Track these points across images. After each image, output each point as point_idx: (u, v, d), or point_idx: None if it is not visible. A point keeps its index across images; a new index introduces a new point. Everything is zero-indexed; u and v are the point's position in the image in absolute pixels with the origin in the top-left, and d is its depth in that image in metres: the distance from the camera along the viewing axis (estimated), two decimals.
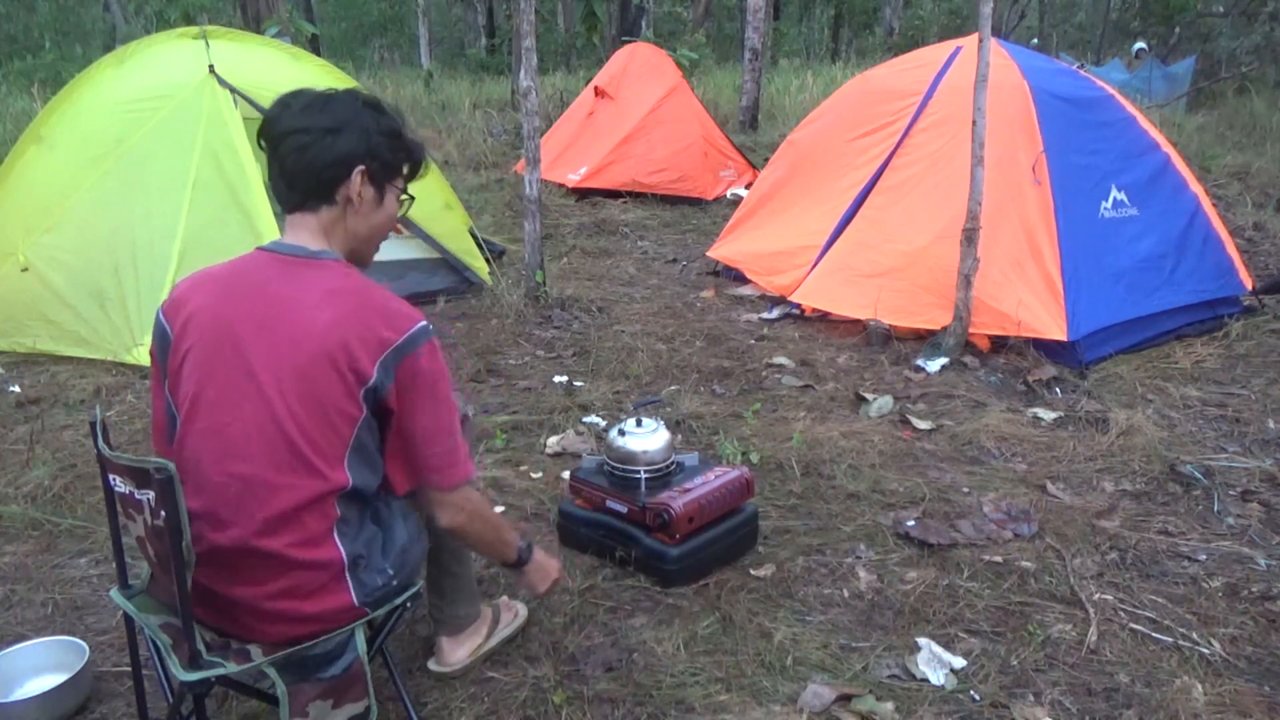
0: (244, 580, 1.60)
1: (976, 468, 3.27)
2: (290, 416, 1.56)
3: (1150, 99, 11.17)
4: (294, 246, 1.66)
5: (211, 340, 1.60)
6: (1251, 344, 4.46)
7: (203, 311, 1.62)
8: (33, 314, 4.14)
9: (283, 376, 1.57)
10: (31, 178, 4.34)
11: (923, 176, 4.68)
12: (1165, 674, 2.20)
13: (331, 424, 1.58)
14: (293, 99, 1.67)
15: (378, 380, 1.59)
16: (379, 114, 1.70)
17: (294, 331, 1.57)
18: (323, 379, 1.56)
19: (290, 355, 1.57)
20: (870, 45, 22.23)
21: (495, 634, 2.27)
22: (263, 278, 1.64)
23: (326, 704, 1.60)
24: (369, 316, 1.59)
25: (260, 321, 1.59)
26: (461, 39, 28.08)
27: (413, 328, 1.62)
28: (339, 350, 1.56)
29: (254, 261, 1.67)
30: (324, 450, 1.59)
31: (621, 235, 6.90)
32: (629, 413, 2.95)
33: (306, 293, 1.60)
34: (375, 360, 1.58)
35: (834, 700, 2.08)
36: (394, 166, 1.72)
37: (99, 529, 2.78)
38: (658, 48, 8.81)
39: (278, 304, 1.60)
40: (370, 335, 1.58)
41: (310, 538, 1.60)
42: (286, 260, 1.65)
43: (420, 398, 1.64)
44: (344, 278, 1.65)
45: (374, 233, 1.74)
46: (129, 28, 14.45)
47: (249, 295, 1.62)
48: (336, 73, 5.17)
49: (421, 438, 1.67)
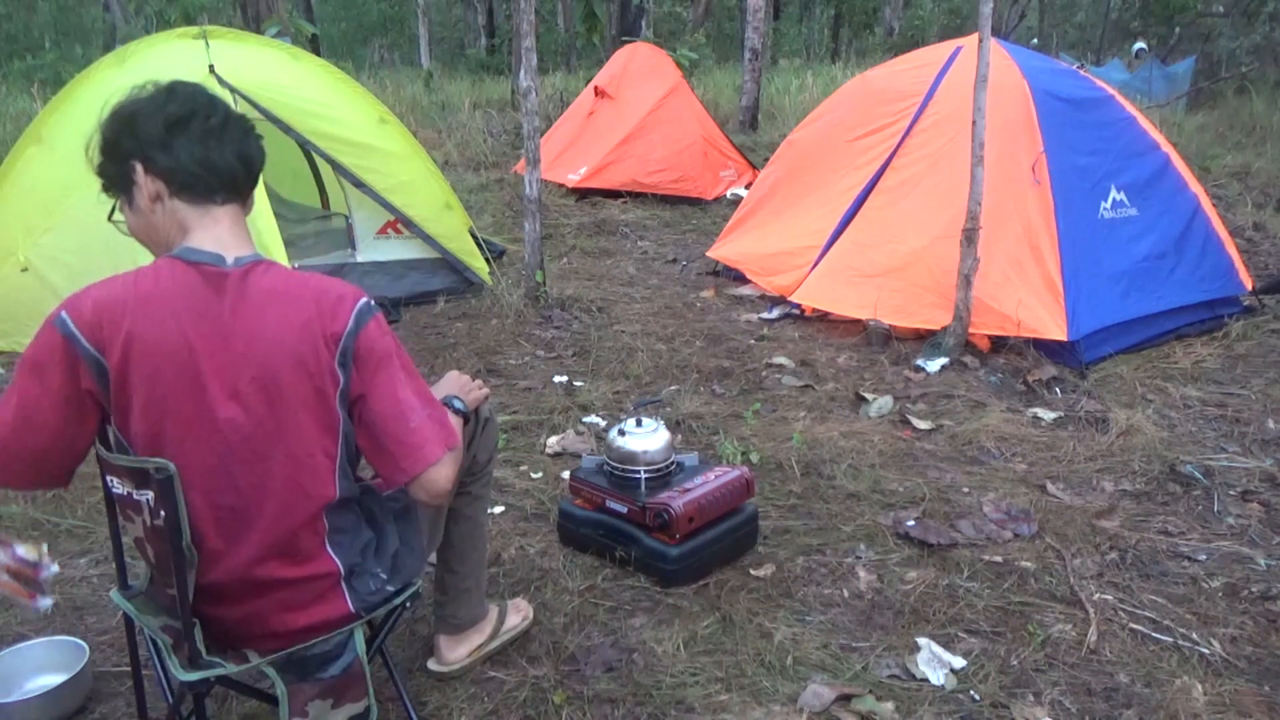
0: (239, 604, 1.59)
1: (976, 468, 3.27)
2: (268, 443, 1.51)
3: (1150, 99, 11.17)
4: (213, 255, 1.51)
5: (169, 373, 1.46)
6: (1251, 344, 4.46)
7: (147, 340, 1.45)
8: (33, 314, 4.13)
9: (256, 403, 1.49)
10: (31, 178, 4.34)
11: (923, 177, 4.68)
12: (1165, 674, 2.20)
13: (316, 442, 1.54)
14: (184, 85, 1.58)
15: (343, 378, 1.53)
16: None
17: (260, 367, 1.48)
18: (303, 396, 1.51)
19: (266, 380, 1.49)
20: (870, 45, 22.23)
21: (499, 635, 2.25)
22: (196, 305, 1.48)
23: (326, 704, 1.60)
24: (318, 315, 1.51)
25: (219, 348, 1.48)
26: (461, 39, 28.09)
27: (356, 308, 1.53)
28: (309, 361, 1.50)
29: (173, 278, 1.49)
30: (309, 469, 1.55)
31: (621, 235, 6.90)
32: (629, 413, 2.96)
33: (249, 309, 1.49)
34: (335, 357, 1.51)
35: (834, 700, 2.08)
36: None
37: (99, 529, 2.78)
38: (658, 48, 8.81)
39: (223, 335, 1.48)
40: (326, 333, 1.50)
41: (304, 555, 1.58)
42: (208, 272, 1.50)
43: (374, 377, 1.55)
44: (277, 279, 1.53)
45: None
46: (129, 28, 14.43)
47: (187, 333, 1.46)
48: (336, 73, 5.17)
49: (388, 424, 1.56)
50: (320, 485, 1.57)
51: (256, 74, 4.53)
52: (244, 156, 1.57)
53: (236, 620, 1.61)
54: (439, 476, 1.60)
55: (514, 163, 8.65)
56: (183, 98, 1.55)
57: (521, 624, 2.31)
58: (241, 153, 1.56)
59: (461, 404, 1.91)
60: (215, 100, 1.58)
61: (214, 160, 1.53)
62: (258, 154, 1.60)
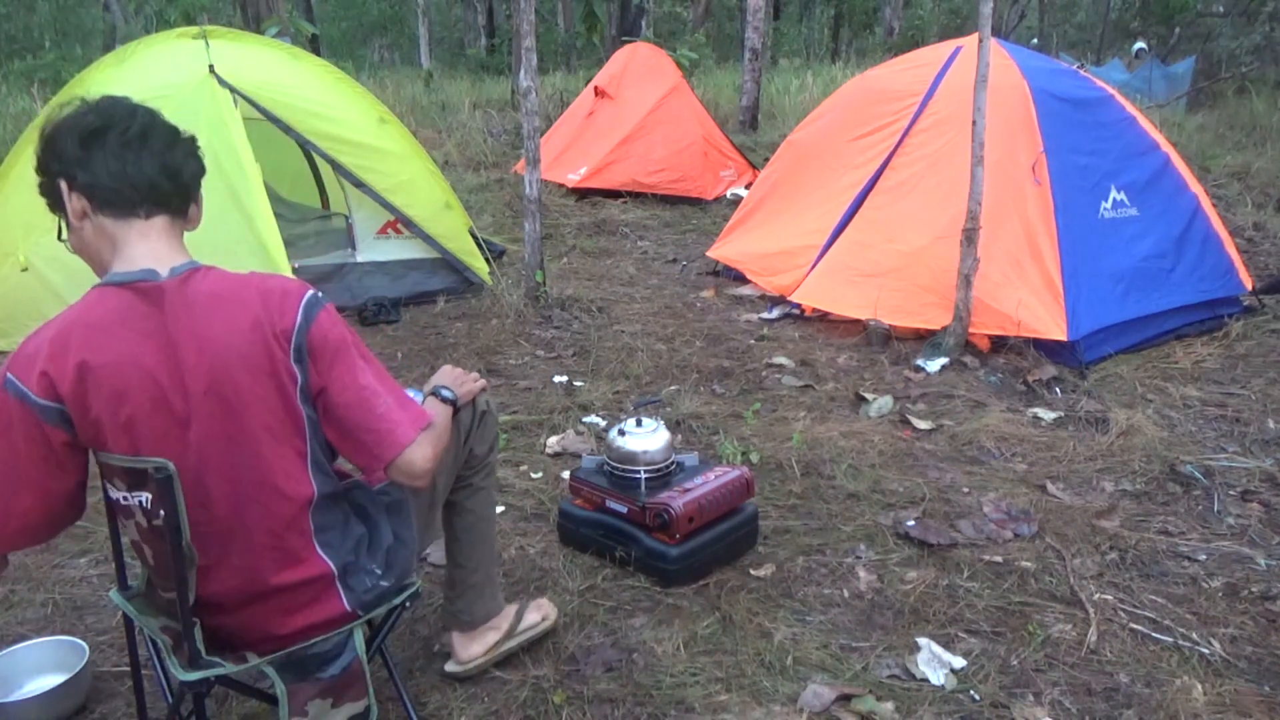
0: (235, 613, 1.59)
1: (976, 468, 3.27)
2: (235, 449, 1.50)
3: (1150, 99, 11.18)
4: (143, 272, 1.48)
5: (131, 397, 1.44)
6: (1251, 344, 4.46)
7: (99, 368, 1.42)
8: (33, 314, 4.13)
9: (216, 410, 1.47)
10: (31, 178, 4.30)
11: (923, 176, 4.68)
12: (1165, 674, 2.20)
13: (287, 441, 1.53)
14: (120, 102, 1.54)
15: (300, 373, 1.51)
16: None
17: (214, 373, 1.46)
18: (262, 397, 1.49)
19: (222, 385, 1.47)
20: (870, 45, 22.24)
21: (516, 634, 2.21)
22: (139, 325, 1.45)
23: (326, 703, 1.60)
24: (264, 313, 1.48)
25: (171, 362, 1.45)
26: (461, 39, 28.10)
27: (303, 301, 1.51)
28: (262, 360, 1.48)
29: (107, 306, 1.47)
30: (282, 469, 1.53)
31: (621, 235, 6.90)
32: (629, 413, 2.96)
33: (195, 318, 1.46)
34: (289, 353, 1.49)
35: (834, 700, 2.08)
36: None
37: (99, 529, 2.77)
38: (658, 48, 8.82)
39: (172, 348, 1.45)
40: (276, 331, 1.48)
41: (294, 558, 1.58)
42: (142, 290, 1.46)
43: (331, 369, 1.53)
44: (215, 282, 1.50)
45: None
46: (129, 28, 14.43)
47: (141, 354, 1.44)
48: (336, 72, 5.18)
49: (352, 414, 1.55)
50: (295, 484, 1.56)
51: (256, 74, 4.53)
52: (168, 168, 1.51)
53: (235, 627, 1.61)
54: (415, 457, 1.59)
55: (514, 163, 8.65)
56: (100, 111, 1.51)
57: (542, 624, 2.27)
58: (165, 164, 1.51)
59: (450, 393, 1.85)
60: (136, 111, 1.52)
61: (130, 173, 1.48)
62: (186, 163, 1.54)
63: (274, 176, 5.03)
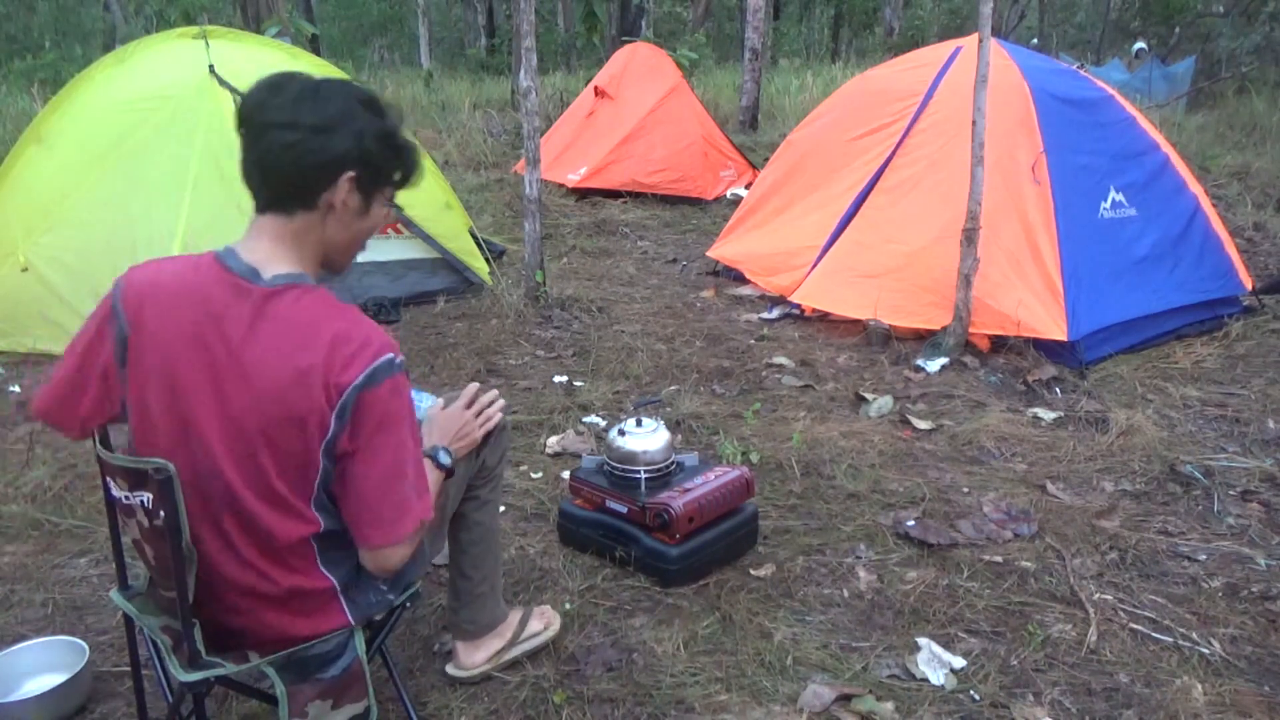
0: (236, 612, 1.59)
1: (976, 468, 3.27)
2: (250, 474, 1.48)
3: (1150, 99, 11.17)
4: (249, 269, 1.47)
5: (166, 386, 1.47)
6: (1251, 344, 4.46)
7: (154, 340, 1.47)
8: (33, 314, 4.14)
9: (238, 438, 1.46)
10: (31, 178, 4.34)
11: (923, 177, 4.68)
12: (1165, 674, 2.20)
13: (292, 478, 1.49)
14: (282, 84, 1.45)
15: (334, 430, 1.44)
16: (375, 113, 1.49)
17: (249, 394, 1.44)
18: (282, 438, 1.45)
19: (245, 418, 1.45)
20: (870, 45, 22.24)
21: (519, 642, 2.20)
22: (220, 319, 1.45)
23: (326, 704, 1.60)
24: (328, 360, 1.42)
25: (214, 381, 1.45)
26: (461, 39, 28.09)
27: (374, 363, 1.43)
28: (299, 406, 1.42)
29: (208, 281, 1.48)
30: (287, 501, 1.51)
31: (621, 235, 6.90)
32: (629, 413, 2.96)
33: (262, 342, 1.43)
34: (334, 409, 1.43)
35: (834, 700, 2.08)
36: (386, 174, 1.53)
37: (99, 529, 2.78)
38: (658, 48, 8.82)
39: (232, 360, 1.44)
40: (330, 382, 1.42)
41: (295, 569, 1.56)
42: (241, 288, 1.46)
43: (371, 438, 1.46)
44: (302, 311, 1.46)
45: (353, 241, 1.57)
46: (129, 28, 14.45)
47: (205, 346, 1.45)
48: (336, 73, 5.17)
49: (367, 486, 1.49)
50: (294, 524, 1.53)
51: (256, 74, 4.49)
52: (260, 162, 1.46)
53: (235, 628, 1.61)
54: (394, 555, 1.55)
55: (514, 163, 8.65)
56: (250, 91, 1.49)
57: (544, 632, 2.26)
58: (259, 157, 1.46)
59: (448, 458, 1.75)
60: (263, 103, 1.45)
61: (243, 165, 1.48)
62: (274, 156, 1.45)
63: None
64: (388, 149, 1.51)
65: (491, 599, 2.15)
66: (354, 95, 1.48)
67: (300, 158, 1.44)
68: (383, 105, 1.52)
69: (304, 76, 1.47)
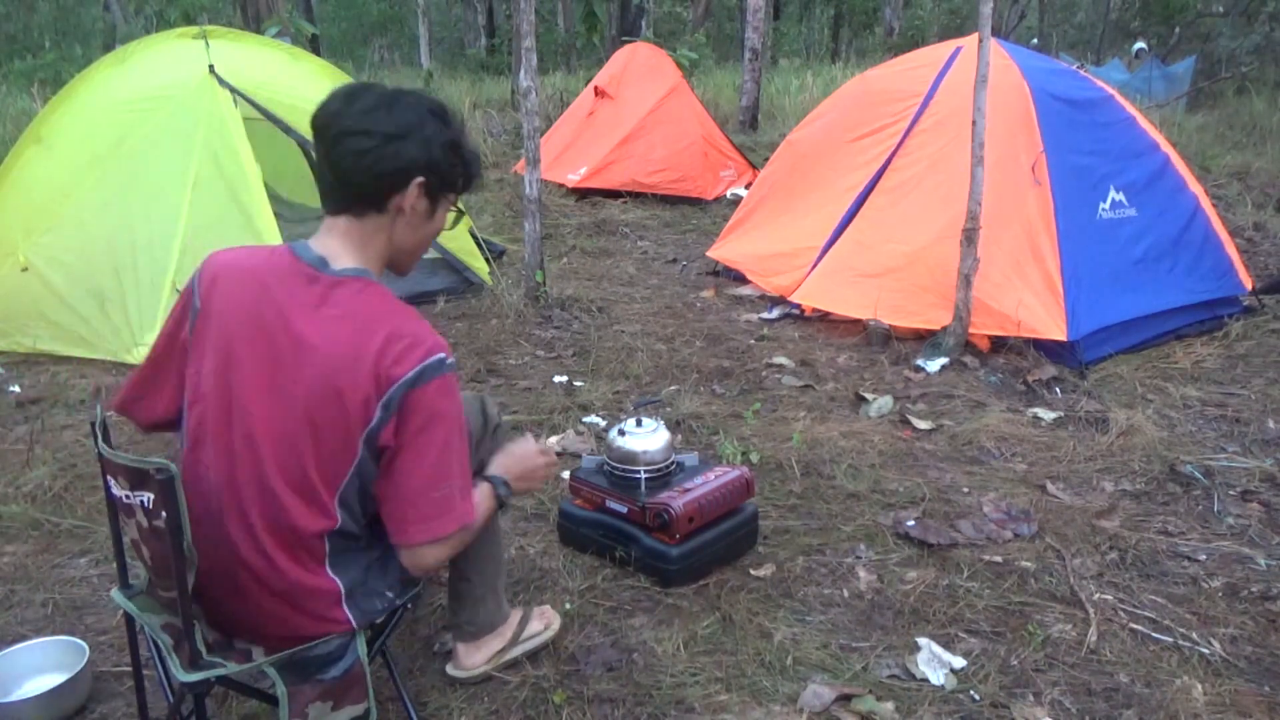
0: (237, 595, 1.59)
1: (976, 468, 3.27)
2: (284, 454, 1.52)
3: (1150, 99, 11.17)
4: (319, 259, 1.56)
5: (225, 358, 1.55)
6: (1251, 344, 4.46)
7: (224, 321, 1.55)
8: (33, 314, 4.14)
9: (283, 417, 1.51)
10: (31, 178, 4.34)
11: (923, 177, 4.68)
12: (1165, 674, 2.20)
13: (327, 463, 1.53)
14: (357, 94, 1.56)
15: (378, 419, 1.50)
16: (444, 123, 1.59)
17: (300, 370, 1.50)
18: (325, 419, 1.50)
19: (293, 394, 1.50)
20: (870, 45, 22.24)
21: (519, 642, 2.20)
22: (286, 296, 1.54)
23: (326, 705, 1.60)
24: (381, 351, 1.49)
25: (272, 353, 1.52)
26: (461, 39, 28.09)
27: (425, 361, 1.50)
28: (346, 388, 1.49)
29: (282, 269, 1.57)
30: (314, 489, 1.54)
31: (621, 235, 6.90)
32: (629, 413, 2.95)
33: (321, 323, 1.51)
34: (380, 398, 1.49)
35: (834, 700, 2.08)
36: (451, 180, 1.63)
37: (99, 529, 2.78)
38: (658, 48, 8.82)
39: (290, 325, 1.52)
40: (380, 372, 1.49)
41: (305, 565, 1.58)
42: (310, 274, 1.55)
43: (417, 436, 1.52)
44: (364, 303, 1.54)
45: (419, 244, 1.66)
46: (129, 28, 14.44)
47: (268, 317, 1.53)
48: (336, 73, 5.18)
49: (411, 482, 1.54)
50: (315, 517, 1.55)
51: (256, 74, 4.53)
52: (335, 167, 1.54)
53: (237, 612, 1.62)
54: (431, 555, 1.61)
55: (514, 163, 8.64)
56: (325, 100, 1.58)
57: (544, 632, 2.25)
58: (332, 160, 1.54)
59: (507, 490, 1.79)
60: (339, 112, 1.54)
61: (317, 170, 1.59)
62: (348, 162, 1.53)
63: (274, 176, 5.03)
64: (454, 156, 1.61)
65: (492, 600, 2.15)
66: (425, 105, 1.59)
67: (374, 164, 1.53)
68: (450, 115, 1.62)
69: (379, 87, 1.59)
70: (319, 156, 1.56)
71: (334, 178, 1.55)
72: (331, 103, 1.55)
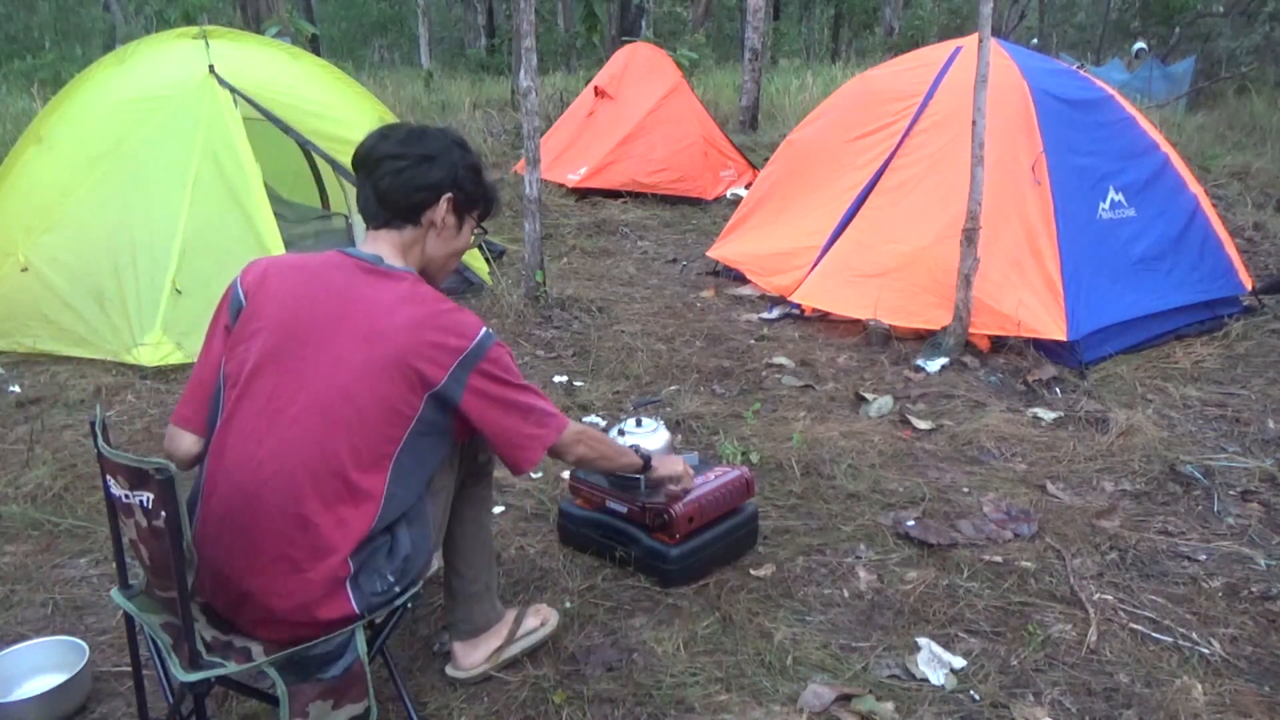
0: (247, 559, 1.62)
1: (976, 468, 3.27)
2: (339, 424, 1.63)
3: (1150, 99, 11.17)
4: (373, 256, 1.77)
5: (281, 330, 1.68)
6: (1251, 344, 4.46)
7: (280, 298, 1.71)
8: (33, 314, 4.14)
9: (342, 376, 1.64)
10: (31, 178, 4.34)
11: (923, 177, 4.68)
12: (1165, 674, 2.20)
13: (382, 426, 1.65)
14: (391, 131, 1.82)
15: (446, 388, 1.68)
16: (465, 151, 1.85)
17: (365, 330, 1.66)
18: (385, 379, 1.64)
19: (357, 352, 1.65)
20: (870, 45, 22.22)
21: (517, 640, 2.21)
22: (343, 279, 1.73)
23: (326, 704, 1.60)
24: (439, 324, 1.69)
25: (332, 319, 1.68)
26: (461, 39, 28.08)
27: (479, 334, 1.71)
28: (408, 350, 1.65)
29: (336, 261, 1.77)
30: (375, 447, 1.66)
31: (621, 235, 6.90)
32: (629, 413, 2.96)
33: (381, 296, 1.70)
34: (446, 367, 1.67)
35: (834, 700, 2.08)
36: (475, 199, 1.88)
37: (99, 529, 2.78)
38: (658, 48, 8.81)
39: (351, 302, 1.69)
40: (440, 340, 1.68)
41: (320, 546, 1.62)
42: (365, 266, 1.75)
43: (499, 401, 1.74)
44: (416, 288, 1.74)
45: (449, 257, 1.89)
46: (129, 28, 14.46)
47: (326, 294, 1.71)
48: (336, 73, 5.18)
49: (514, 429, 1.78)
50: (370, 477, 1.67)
51: (256, 74, 4.53)
52: (376, 188, 1.78)
53: (238, 597, 1.63)
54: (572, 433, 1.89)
55: (514, 163, 8.64)
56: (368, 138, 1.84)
57: (541, 628, 2.27)
58: (373, 181, 1.78)
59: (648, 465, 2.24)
60: (375, 145, 1.80)
61: (360, 197, 1.83)
62: (386, 182, 1.77)
63: (274, 176, 5.03)
64: (476, 178, 1.88)
65: (486, 598, 2.17)
66: (449, 136, 1.85)
67: (409, 181, 1.78)
68: (469, 146, 1.89)
69: (409, 124, 1.88)
70: (361, 182, 1.81)
71: (375, 197, 1.79)
72: (369, 139, 1.82)
